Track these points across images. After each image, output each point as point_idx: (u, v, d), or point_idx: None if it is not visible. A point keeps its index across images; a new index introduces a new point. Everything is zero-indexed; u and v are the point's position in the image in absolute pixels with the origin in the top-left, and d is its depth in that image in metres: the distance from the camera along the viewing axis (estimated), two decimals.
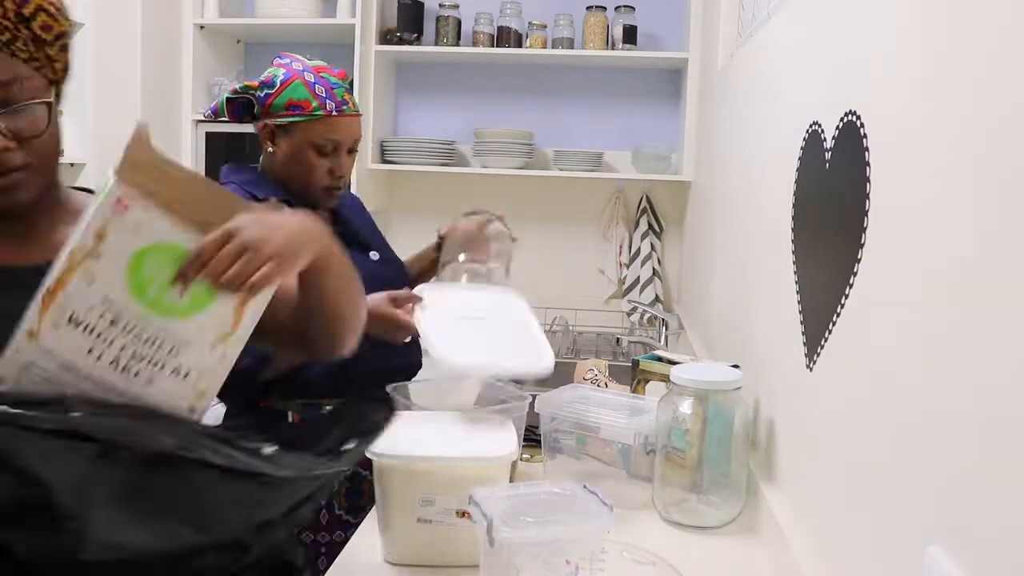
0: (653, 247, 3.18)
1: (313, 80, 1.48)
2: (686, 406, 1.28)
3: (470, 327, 1.45)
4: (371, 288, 1.42)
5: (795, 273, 1.22)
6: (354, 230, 1.63)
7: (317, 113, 1.48)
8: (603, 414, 1.39)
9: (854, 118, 0.97)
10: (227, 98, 1.51)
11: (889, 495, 0.79)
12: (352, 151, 1.56)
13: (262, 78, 1.50)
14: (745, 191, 1.74)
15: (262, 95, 1.49)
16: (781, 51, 1.44)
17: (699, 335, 2.43)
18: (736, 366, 1.35)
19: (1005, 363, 0.59)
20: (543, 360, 1.40)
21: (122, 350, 0.85)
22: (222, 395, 1.39)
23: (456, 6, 3.10)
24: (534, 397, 1.45)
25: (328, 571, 1.16)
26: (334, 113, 1.49)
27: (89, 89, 2.70)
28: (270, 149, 1.51)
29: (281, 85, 1.47)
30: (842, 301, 0.97)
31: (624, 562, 0.99)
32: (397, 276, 1.68)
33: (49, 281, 0.83)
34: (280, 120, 1.48)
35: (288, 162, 1.51)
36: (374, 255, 1.64)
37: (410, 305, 1.47)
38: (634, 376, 1.61)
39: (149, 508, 0.78)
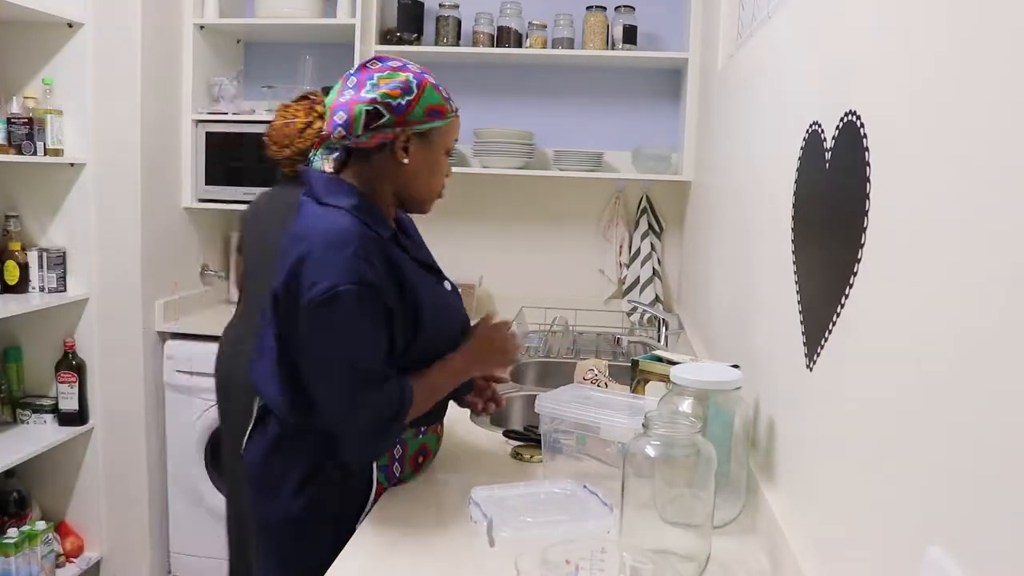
0: (653, 247, 3.18)
1: (436, 82, 1.41)
2: (686, 406, 1.28)
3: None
4: (451, 319, 1.50)
5: (795, 273, 1.22)
6: (424, 253, 1.58)
7: (450, 116, 1.43)
8: (603, 414, 1.39)
9: (854, 118, 0.97)
10: (366, 109, 1.35)
11: (889, 495, 0.79)
12: None
13: (396, 85, 1.36)
14: (745, 191, 1.74)
15: (404, 102, 1.36)
16: (781, 51, 1.44)
17: (699, 335, 2.43)
18: (736, 366, 1.34)
19: (1005, 363, 0.59)
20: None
21: None
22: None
23: (456, 6, 3.10)
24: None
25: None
26: (458, 114, 1.46)
27: (89, 89, 2.70)
28: (404, 160, 1.40)
29: (418, 90, 1.37)
30: (842, 301, 0.97)
31: (624, 562, 0.99)
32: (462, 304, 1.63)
33: None
34: (421, 127, 1.39)
35: (423, 171, 1.43)
36: (447, 284, 1.55)
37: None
38: (634, 376, 1.61)
39: None
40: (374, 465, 1.42)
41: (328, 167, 1.46)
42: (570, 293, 3.25)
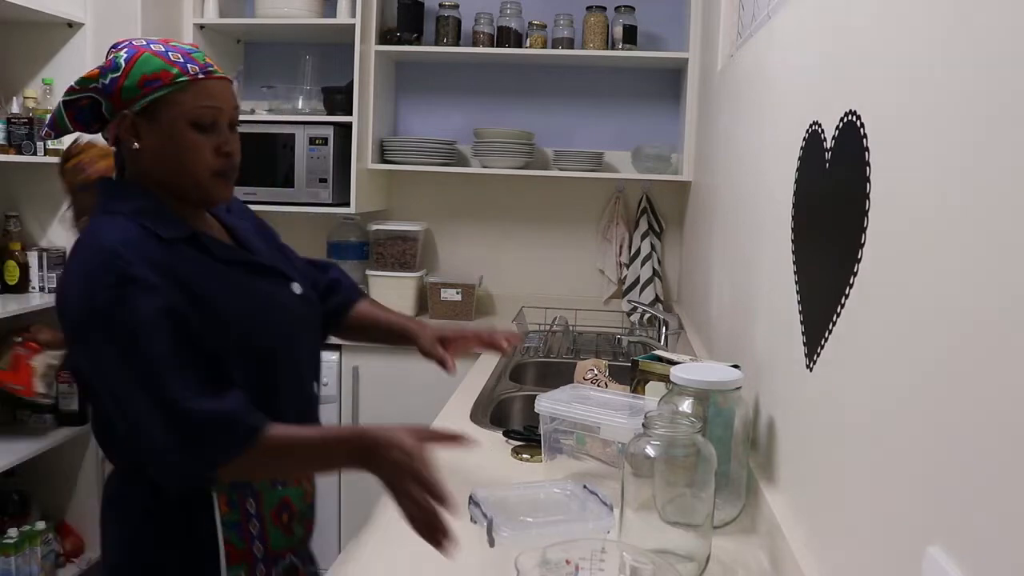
0: (653, 247, 3.19)
1: (163, 49, 1.20)
2: (686, 406, 1.28)
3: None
4: (291, 332, 1.29)
5: (795, 273, 1.22)
6: (258, 250, 1.35)
7: (181, 80, 1.18)
8: (603, 414, 1.39)
9: (854, 118, 0.97)
10: (64, 102, 1.21)
11: (889, 495, 0.79)
12: (234, 125, 1.26)
13: (101, 65, 1.21)
14: (745, 191, 1.74)
15: (107, 82, 1.18)
16: (781, 51, 1.44)
17: (699, 335, 2.43)
18: (736, 366, 1.35)
19: (1005, 363, 0.59)
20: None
21: None
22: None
23: (456, 6, 3.10)
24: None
25: None
26: (201, 76, 1.20)
27: None
28: (135, 146, 1.19)
29: (127, 63, 1.17)
30: (842, 301, 0.97)
31: (624, 562, 0.99)
32: (316, 317, 1.42)
33: None
34: (139, 103, 1.17)
35: (161, 152, 1.20)
36: (296, 288, 1.34)
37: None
38: (634, 376, 1.61)
39: None
40: (217, 520, 1.20)
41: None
42: (570, 293, 3.25)
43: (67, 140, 2.73)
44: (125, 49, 1.20)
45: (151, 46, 1.20)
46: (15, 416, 2.78)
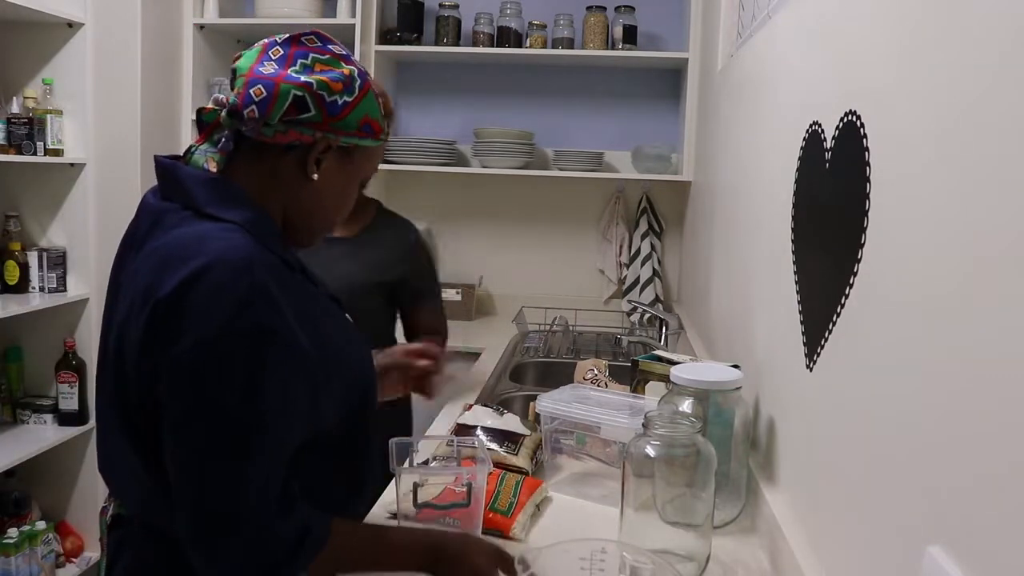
0: (653, 247, 3.19)
1: (376, 93, 1.06)
2: (686, 406, 1.28)
3: None
4: (363, 371, 1.12)
5: (795, 273, 1.22)
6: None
7: (382, 138, 1.08)
8: (603, 414, 1.39)
9: (854, 118, 0.97)
10: (295, 93, 0.98)
11: (889, 495, 0.79)
12: None
13: (338, 77, 1.01)
14: (745, 191, 1.74)
15: (340, 102, 1.00)
16: (781, 51, 1.44)
17: (699, 335, 2.43)
18: (736, 366, 1.35)
19: (1004, 363, 0.59)
20: None
21: None
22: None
23: (456, 6, 3.10)
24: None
25: None
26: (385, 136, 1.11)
27: (89, 89, 2.70)
28: (313, 175, 1.03)
29: (361, 92, 1.03)
30: (842, 301, 0.98)
31: (624, 562, 0.99)
32: None
33: None
34: (348, 140, 1.03)
35: (329, 196, 1.07)
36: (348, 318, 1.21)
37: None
38: (634, 376, 1.61)
39: None
40: None
41: (212, 166, 1.02)
42: (570, 293, 3.25)
43: (70, 143, 2.75)
44: (359, 73, 1.03)
45: (370, 81, 1.05)
46: (15, 416, 2.79)
